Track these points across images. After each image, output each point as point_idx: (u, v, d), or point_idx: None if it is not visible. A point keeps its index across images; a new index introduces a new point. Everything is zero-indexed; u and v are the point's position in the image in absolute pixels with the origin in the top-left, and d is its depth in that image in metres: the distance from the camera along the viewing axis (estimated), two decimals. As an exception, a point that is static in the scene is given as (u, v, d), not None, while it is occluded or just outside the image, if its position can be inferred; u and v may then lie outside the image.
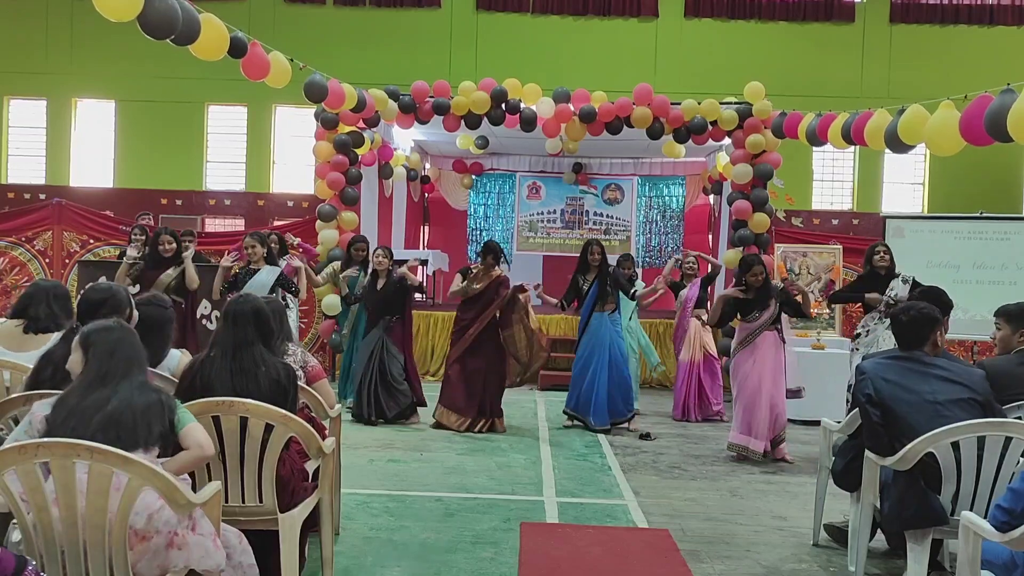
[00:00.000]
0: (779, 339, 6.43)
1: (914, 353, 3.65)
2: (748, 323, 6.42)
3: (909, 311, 3.75)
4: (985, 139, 5.66)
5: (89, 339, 2.69)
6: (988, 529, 2.74)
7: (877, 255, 6.58)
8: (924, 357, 3.62)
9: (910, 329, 3.70)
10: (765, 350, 6.34)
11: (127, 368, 2.66)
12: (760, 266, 6.40)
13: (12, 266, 9.56)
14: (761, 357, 6.34)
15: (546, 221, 13.41)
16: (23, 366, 3.42)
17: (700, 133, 9.54)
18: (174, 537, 2.49)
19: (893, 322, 3.81)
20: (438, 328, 10.21)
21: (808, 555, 4.32)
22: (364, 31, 15.44)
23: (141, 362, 2.75)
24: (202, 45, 6.09)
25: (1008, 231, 8.43)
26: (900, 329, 3.75)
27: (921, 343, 3.67)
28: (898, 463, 3.41)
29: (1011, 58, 14.84)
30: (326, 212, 9.53)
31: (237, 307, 3.38)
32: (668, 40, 15.55)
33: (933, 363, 3.60)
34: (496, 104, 9.48)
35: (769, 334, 6.37)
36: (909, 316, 3.72)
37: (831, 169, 16.00)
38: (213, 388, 3.21)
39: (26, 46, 15.49)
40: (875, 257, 6.58)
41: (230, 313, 3.37)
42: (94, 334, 2.70)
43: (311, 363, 4.09)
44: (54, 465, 2.31)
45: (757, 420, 6.31)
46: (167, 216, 14.79)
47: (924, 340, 3.68)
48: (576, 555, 4.18)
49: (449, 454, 6.35)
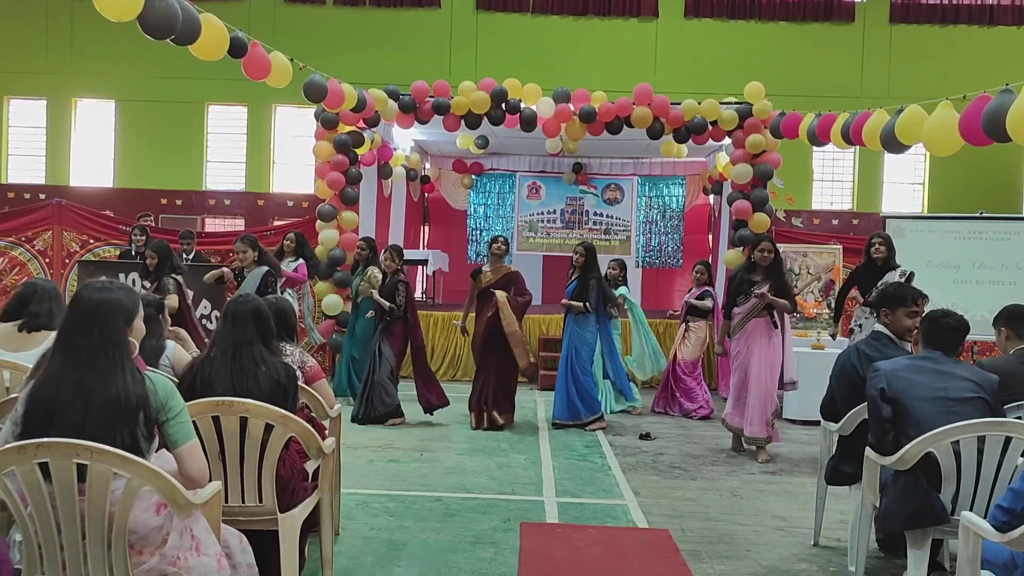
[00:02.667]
0: (770, 324, 6.40)
1: (933, 354, 3.62)
2: (739, 306, 6.45)
3: (952, 316, 3.68)
4: (983, 139, 5.66)
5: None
6: (988, 529, 2.74)
7: (873, 247, 6.61)
8: (941, 358, 3.60)
9: (950, 335, 3.64)
10: (756, 336, 6.39)
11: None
12: (768, 242, 6.39)
13: (12, 266, 9.56)
14: (752, 344, 6.40)
15: (546, 221, 13.41)
16: (23, 366, 3.42)
17: (700, 133, 9.54)
18: (176, 560, 2.48)
19: (932, 322, 3.67)
20: (438, 328, 10.21)
21: (808, 555, 4.32)
22: (364, 31, 15.44)
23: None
24: (202, 45, 6.09)
25: (1008, 231, 8.43)
26: (942, 333, 3.64)
27: (952, 349, 3.63)
28: (898, 463, 3.41)
29: (1011, 58, 14.85)
30: (326, 212, 9.53)
31: (237, 307, 3.38)
32: (668, 40, 15.55)
33: (943, 361, 3.58)
34: (496, 104, 9.48)
35: (760, 320, 6.39)
36: (955, 321, 3.65)
37: (831, 169, 16.00)
38: (213, 388, 3.21)
39: (26, 46, 15.49)
40: (871, 248, 6.61)
41: (230, 312, 3.37)
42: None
43: (309, 363, 4.10)
44: (54, 465, 2.30)
45: (749, 406, 6.41)
46: (167, 216, 14.82)
47: (955, 347, 3.65)
48: (576, 555, 4.18)
49: (449, 454, 6.35)
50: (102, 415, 2.37)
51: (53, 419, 2.35)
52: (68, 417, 2.35)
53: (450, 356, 10.19)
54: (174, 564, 2.47)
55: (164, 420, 2.51)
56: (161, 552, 2.46)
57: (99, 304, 2.47)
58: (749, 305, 6.38)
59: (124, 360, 2.46)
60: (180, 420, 2.54)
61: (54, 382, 2.39)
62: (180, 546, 2.50)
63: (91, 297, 2.48)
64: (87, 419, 2.36)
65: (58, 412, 2.36)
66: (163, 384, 2.54)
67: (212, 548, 2.61)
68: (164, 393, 2.52)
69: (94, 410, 2.37)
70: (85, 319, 2.45)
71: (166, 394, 2.52)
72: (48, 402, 2.38)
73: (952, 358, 3.62)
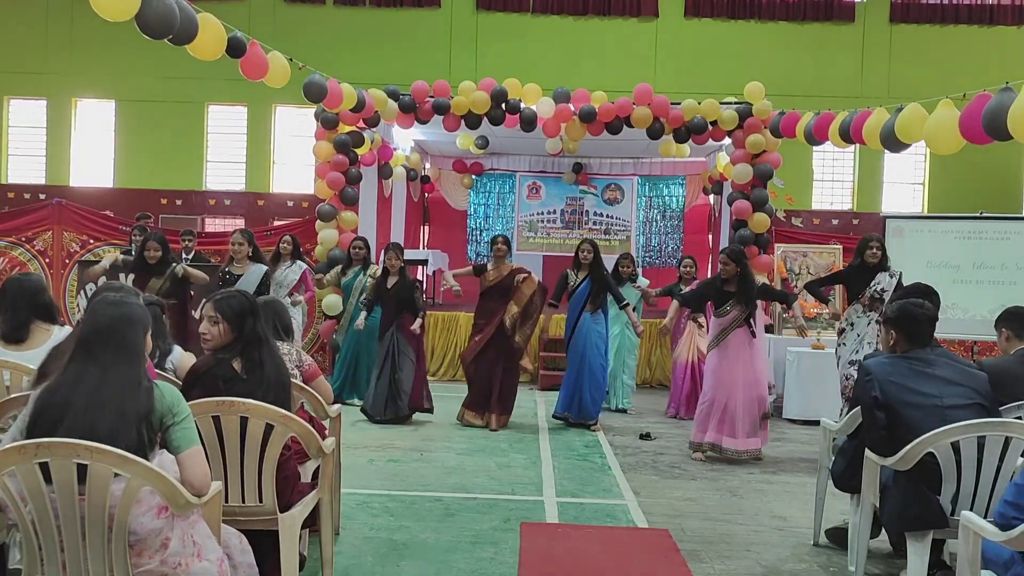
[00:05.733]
0: (749, 334, 6.36)
1: (919, 353, 3.62)
2: (719, 318, 6.40)
3: (924, 306, 3.69)
4: (984, 138, 5.66)
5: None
6: (988, 528, 2.73)
7: (870, 250, 6.53)
8: (928, 356, 3.59)
9: (931, 327, 3.65)
10: (737, 347, 6.33)
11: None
12: (727, 258, 6.33)
13: (12, 266, 9.55)
14: (733, 356, 6.31)
15: (546, 221, 13.42)
16: (23, 366, 3.41)
17: (700, 133, 9.53)
18: (177, 566, 2.48)
19: (908, 318, 3.67)
20: (438, 328, 10.22)
21: (808, 555, 4.32)
22: (364, 31, 15.45)
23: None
24: (200, 45, 6.09)
25: (1008, 231, 8.43)
26: (927, 326, 3.66)
27: (931, 339, 3.66)
28: (898, 463, 3.41)
29: (1011, 58, 14.86)
30: (326, 212, 9.52)
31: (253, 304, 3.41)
32: (668, 40, 15.56)
33: (937, 363, 3.57)
34: (496, 104, 9.48)
35: (740, 331, 6.35)
36: (931, 312, 3.66)
37: (831, 169, 16.00)
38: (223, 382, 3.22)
39: (26, 46, 15.50)
40: (867, 252, 6.52)
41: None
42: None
43: (307, 361, 4.09)
44: (54, 465, 2.31)
45: (739, 420, 6.29)
46: (167, 216, 14.83)
47: (932, 336, 3.67)
48: (576, 555, 4.18)
49: (449, 454, 6.35)
50: (113, 421, 2.41)
51: (62, 423, 2.38)
52: (77, 422, 2.38)
53: (450, 356, 10.18)
54: (175, 569, 2.48)
55: (169, 425, 2.55)
56: (162, 557, 2.46)
57: (121, 317, 2.56)
58: (729, 319, 6.35)
59: (141, 370, 2.55)
60: (184, 426, 2.58)
61: (68, 388, 2.44)
62: (182, 553, 2.50)
63: (112, 311, 2.57)
64: (98, 425, 2.39)
65: (68, 417, 2.39)
66: (169, 390, 2.58)
67: (213, 552, 2.61)
68: (170, 398, 2.56)
69: (106, 416, 2.41)
70: (108, 330, 2.53)
71: (172, 399, 2.56)
72: (60, 407, 2.41)
73: (936, 351, 3.62)
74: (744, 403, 6.28)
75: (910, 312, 3.68)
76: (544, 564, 4.04)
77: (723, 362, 6.34)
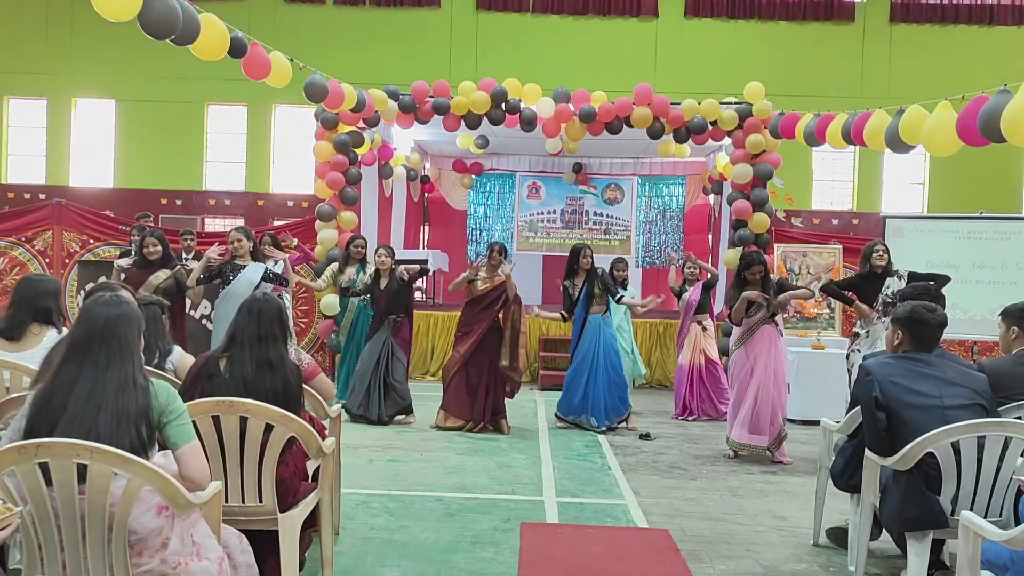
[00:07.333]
0: (777, 332, 6.43)
1: (920, 355, 3.61)
2: (749, 317, 6.44)
3: (938, 311, 3.67)
4: (981, 140, 5.66)
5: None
6: (988, 529, 2.73)
7: (875, 254, 6.58)
8: (929, 357, 3.59)
9: (939, 332, 3.64)
10: (763, 344, 6.36)
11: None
12: (759, 265, 6.42)
13: (12, 266, 9.56)
14: (762, 352, 6.36)
15: (546, 221, 13.42)
16: (23, 366, 3.42)
17: (700, 133, 9.54)
18: (177, 565, 2.49)
19: (918, 322, 3.65)
20: (438, 328, 10.22)
21: (808, 555, 4.32)
22: (364, 31, 15.46)
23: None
24: (202, 45, 6.09)
25: (1008, 231, 8.43)
26: (936, 331, 3.64)
27: (936, 345, 3.65)
28: (898, 463, 3.41)
29: (1011, 58, 14.86)
30: (326, 212, 9.53)
31: (262, 304, 3.45)
32: (668, 40, 15.57)
33: (937, 364, 3.57)
34: (496, 104, 9.48)
35: (767, 327, 6.38)
36: (942, 318, 3.64)
37: (831, 169, 16.01)
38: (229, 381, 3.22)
39: (26, 46, 15.51)
40: (873, 256, 6.58)
41: (255, 309, 3.41)
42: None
43: (306, 360, 4.08)
44: (54, 465, 2.31)
45: (759, 416, 6.33)
46: (167, 216, 14.83)
47: (938, 342, 3.67)
48: (576, 555, 4.18)
49: (449, 454, 6.35)
50: (111, 421, 2.42)
51: (60, 424, 2.39)
52: (76, 422, 2.39)
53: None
54: (175, 568, 2.48)
55: (165, 423, 2.56)
56: (162, 556, 2.47)
57: (117, 317, 2.56)
58: (756, 318, 6.37)
59: (137, 369, 2.55)
60: (180, 422, 2.59)
61: (65, 388, 2.44)
62: (182, 552, 2.51)
63: (106, 312, 2.56)
64: (98, 425, 2.40)
65: (66, 417, 2.40)
66: (164, 388, 2.59)
67: (213, 552, 2.61)
68: (165, 396, 2.57)
69: (105, 416, 2.42)
70: (103, 331, 2.52)
71: (167, 397, 2.58)
72: (58, 409, 2.42)
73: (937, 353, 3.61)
74: (763, 400, 6.33)
75: (921, 316, 3.64)
76: (544, 564, 4.04)
77: (751, 361, 6.39)
